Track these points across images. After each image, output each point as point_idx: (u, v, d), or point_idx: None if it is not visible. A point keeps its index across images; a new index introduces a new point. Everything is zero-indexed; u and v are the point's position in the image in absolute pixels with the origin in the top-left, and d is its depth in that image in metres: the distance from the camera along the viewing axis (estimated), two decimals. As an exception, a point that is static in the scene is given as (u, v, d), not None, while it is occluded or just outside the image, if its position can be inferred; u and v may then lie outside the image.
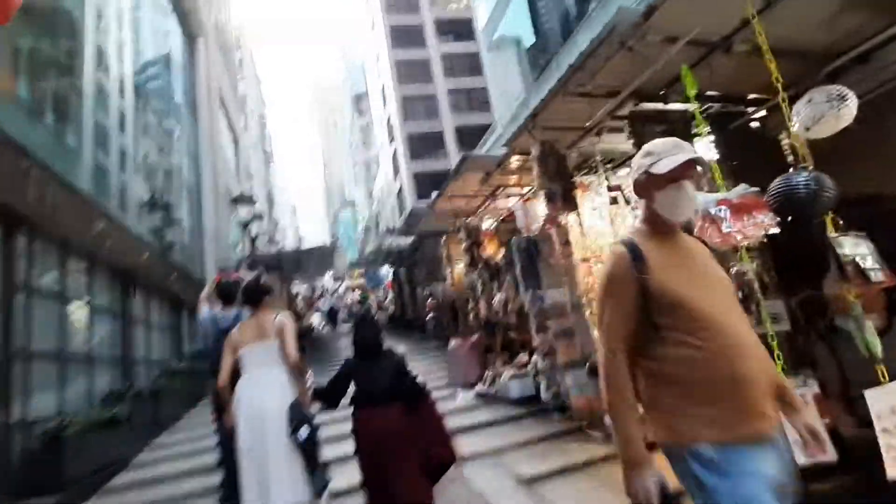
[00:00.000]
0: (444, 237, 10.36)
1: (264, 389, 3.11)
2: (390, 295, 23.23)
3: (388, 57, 37.97)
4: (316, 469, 3.07)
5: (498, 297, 6.37)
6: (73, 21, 8.04)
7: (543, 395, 5.05)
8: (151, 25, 12.27)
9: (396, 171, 38.57)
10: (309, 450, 3.02)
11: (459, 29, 39.94)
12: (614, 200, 4.11)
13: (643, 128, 3.65)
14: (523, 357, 6.93)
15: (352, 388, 3.15)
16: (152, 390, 7.38)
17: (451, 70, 38.80)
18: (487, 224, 7.43)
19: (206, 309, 4.37)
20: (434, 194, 7.79)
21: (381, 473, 2.90)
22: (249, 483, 2.96)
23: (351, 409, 3.09)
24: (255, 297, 3.40)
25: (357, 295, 29.32)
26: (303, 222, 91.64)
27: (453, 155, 35.98)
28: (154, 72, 11.78)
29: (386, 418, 2.96)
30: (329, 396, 3.23)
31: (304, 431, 2.97)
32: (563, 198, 3.98)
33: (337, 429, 4.41)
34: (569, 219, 4.23)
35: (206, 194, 12.99)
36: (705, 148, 3.15)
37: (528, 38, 13.40)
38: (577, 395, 4.19)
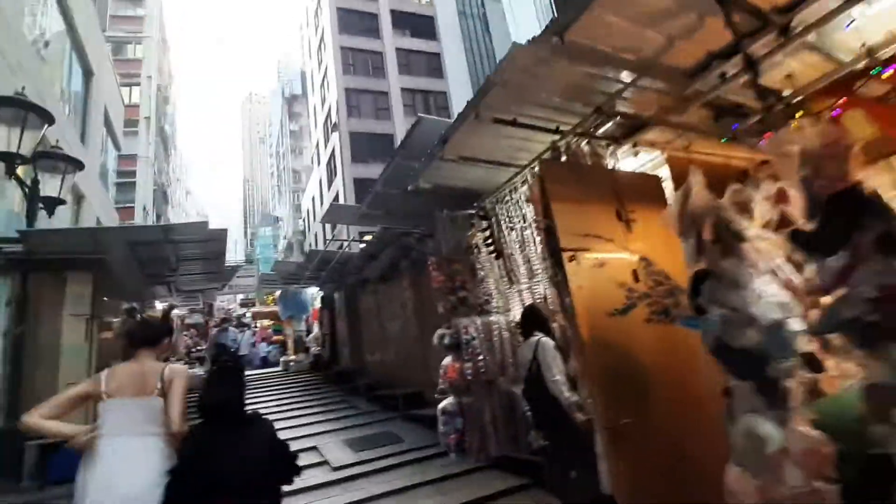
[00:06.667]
0: (512, 190, 4.06)
1: (131, 463, 2.20)
2: (316, 329, 16.08)
3: (332, 42, 31.63)
4: None
5: None
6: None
7: None
8: None
9: (332, 176, 31.53)
10: None
11: (419, 25, 34.93)
12: None
13: None
14: None
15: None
16: None
17: (407, 67, 33.25)
18: None
19: None
20: None
21: None
22: None
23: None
24: (152, 336, 2.56)
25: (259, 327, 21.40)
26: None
27: (404, 163, 30.05)
28: None
29: None
30: (174, 496, 2.08)
31: None
32: None
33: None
34: None
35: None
36: None
37: None
38: None
